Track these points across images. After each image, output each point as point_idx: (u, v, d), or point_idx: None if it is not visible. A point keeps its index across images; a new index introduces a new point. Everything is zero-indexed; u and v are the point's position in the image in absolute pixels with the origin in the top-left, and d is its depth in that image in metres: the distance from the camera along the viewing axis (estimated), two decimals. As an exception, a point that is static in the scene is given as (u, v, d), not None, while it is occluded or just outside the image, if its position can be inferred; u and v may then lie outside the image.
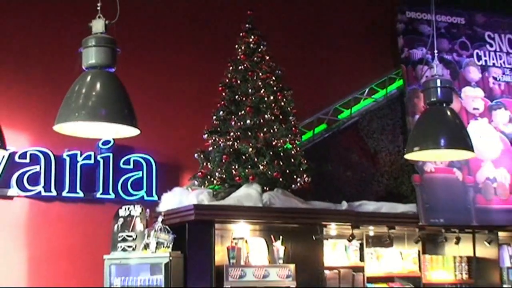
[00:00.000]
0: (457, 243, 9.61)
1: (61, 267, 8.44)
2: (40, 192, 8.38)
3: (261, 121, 8.42)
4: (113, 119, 4.98)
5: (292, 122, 8.67)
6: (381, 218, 9.00)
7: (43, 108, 6.39)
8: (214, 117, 8.57)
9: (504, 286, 9.47)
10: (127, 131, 5.26)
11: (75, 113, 4.90)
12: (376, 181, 9.67)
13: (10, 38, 8.52)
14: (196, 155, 8.59)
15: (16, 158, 8.31)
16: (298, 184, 8.56)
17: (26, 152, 8.37)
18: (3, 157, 8.04)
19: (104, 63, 4.94)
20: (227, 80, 8.61)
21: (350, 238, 8.84)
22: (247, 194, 8.17)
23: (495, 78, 10.11)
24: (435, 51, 7.24)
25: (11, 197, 8.32)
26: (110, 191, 8.68)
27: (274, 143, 8.45)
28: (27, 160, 8.38)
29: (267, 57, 8.66)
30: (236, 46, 8.67)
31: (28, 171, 8.36)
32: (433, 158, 8.07)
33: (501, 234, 9.75)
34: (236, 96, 8.53)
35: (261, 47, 8.69)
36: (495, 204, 9.49)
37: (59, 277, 8.41)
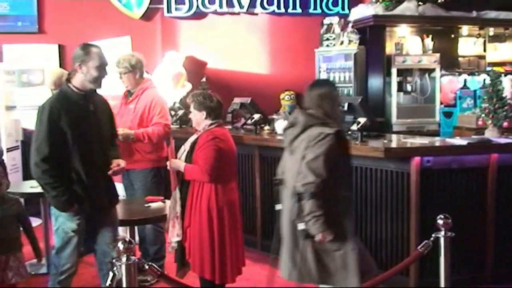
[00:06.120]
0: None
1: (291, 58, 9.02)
2: (274, 10, 8.87)
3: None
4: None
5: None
6: (499, 22, 8.79)
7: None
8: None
9: None
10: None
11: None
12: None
13: None
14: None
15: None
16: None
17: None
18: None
19: None
20: None
21: (477, 36, 8.86)
22: (407, 7, 8.29)
23: None
24: None
25: (256, 14, 8.88)
26: (318, 8, 9.00)
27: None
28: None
29: None
30: None
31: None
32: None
33: None
34: None
35: None
36: None
37: (286, 58, 8.99)
